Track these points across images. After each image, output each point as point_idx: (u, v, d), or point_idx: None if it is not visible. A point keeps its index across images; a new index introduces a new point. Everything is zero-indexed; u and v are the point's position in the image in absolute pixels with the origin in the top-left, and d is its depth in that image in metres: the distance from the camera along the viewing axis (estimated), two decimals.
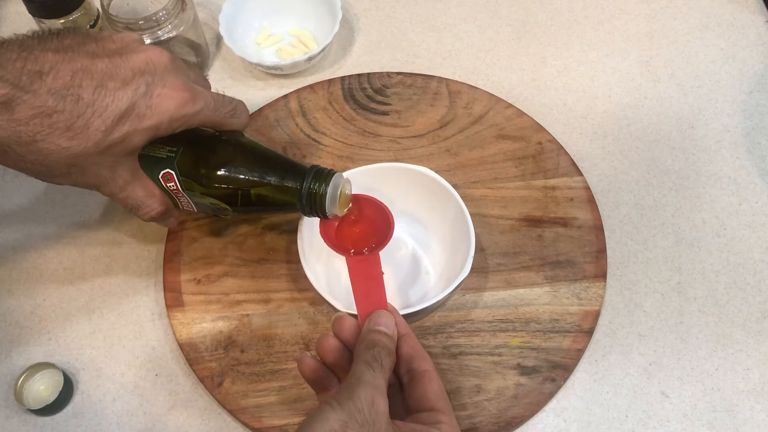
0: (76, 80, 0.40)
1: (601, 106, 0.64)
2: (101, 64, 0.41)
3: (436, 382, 0.41)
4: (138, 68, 0.42)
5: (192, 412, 0.50)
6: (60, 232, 0.57)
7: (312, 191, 0.45)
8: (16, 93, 0.38)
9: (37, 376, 0.51)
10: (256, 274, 0.55)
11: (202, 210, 0.49)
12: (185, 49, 0.64)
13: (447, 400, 0.41)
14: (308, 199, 0.45)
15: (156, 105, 0.42)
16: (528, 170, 0.59)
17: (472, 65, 0.67)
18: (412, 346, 0.42)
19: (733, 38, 0.68)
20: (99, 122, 0.40)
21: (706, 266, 0.56)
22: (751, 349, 0.52)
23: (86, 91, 0.40)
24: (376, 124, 0.62)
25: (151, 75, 0.42)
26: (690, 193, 0.59)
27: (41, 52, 0.39)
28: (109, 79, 0.41)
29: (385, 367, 0.39)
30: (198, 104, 0.44)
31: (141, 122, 0.42)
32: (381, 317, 0.42)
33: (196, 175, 0.46)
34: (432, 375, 0.41)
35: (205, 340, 0.52)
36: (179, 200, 0.48)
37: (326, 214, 0.46)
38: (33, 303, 0.55)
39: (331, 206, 0.46)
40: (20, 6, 0.59)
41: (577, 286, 0.53)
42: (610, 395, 0.50)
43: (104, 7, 0.59)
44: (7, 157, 0.40)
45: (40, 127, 0.39)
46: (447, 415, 0.40)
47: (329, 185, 0.45)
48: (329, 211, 0.46)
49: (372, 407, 0.36)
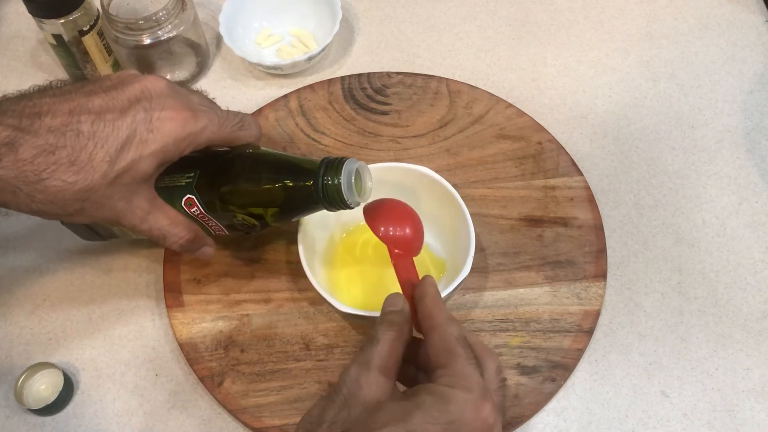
0: (74, 117, 0.40)
1: (601, 106, 0.64)
2: (98, 100, 0.41)
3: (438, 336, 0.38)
4: (134, 96, 0.42)
5: (192, 412, 0.50)
6: (60, 231, 0.57)
7: (327, 185, 0.43)
8: (18, 134, 0.39)
9: (37, 376, 0.51)
10: (256, 274, 0.55)
11: (233, 231, 0.49)
12: (185, 49, 0.64)
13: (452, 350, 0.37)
14: (326, 195, 0.44)
15: (157, 128, 0.42)
16: (528, 170, 0.59)
17: (472, 65, 0.67)
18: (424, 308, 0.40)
19: (733, 38, 0.68)
20: (102, 153, 0.40)
21: (706, 266, 0.56)
22: (751, 349, 0.52)
23: (84, 126, 0.40)
24: (376, 124, 0.62)
25: (148, 101, 0.42)
26: (690, 193, 0.59)
27: (39, 98, 0.40)
28: (106, 111, 0.41)
29: (380, 340, 0.38)
30: (201, 121, 0.43)
31: (145, 148, 0.42)
32: (389, 298, 0.42)
33: (217, 195, 0.45)
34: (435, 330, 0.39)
35: (205, 340, 0.52)
36: (208, 225, 0.48)
37: (349, 204, 0.44)
38: (33, 303, 0.55)
39: (349, 194, 0.43)
40: (20, 6, 0.59)
41: (577, 285, 0.53)
42: (611, 395, 0.50)
43: (104, 7, 0.59)
44: (17, 200, 0.40)
45: (44, 165, 0.39)
46: (448, 367, 0.37)
47: (342, 174, 0.43)
48: (350, 200, 0.44)
49: (355, 383, 0.36)
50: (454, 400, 0.35)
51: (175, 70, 0.65)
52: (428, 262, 0.54)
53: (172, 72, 0.65)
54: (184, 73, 0.65)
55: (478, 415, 0.35)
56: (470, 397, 0.35)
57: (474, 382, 0.36)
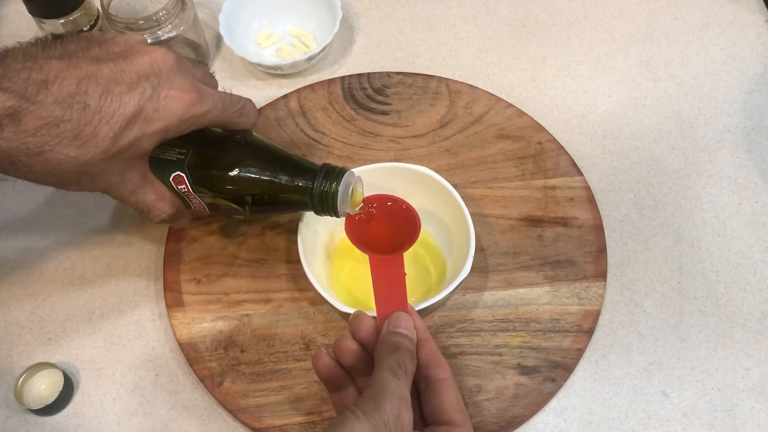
0: (82, 87, 0.39)
1: (601, 106, 0.64)
2: (106, 69, 0.40)
3: (452, 392, 0.39)
4: (143, 71, 0.41)
5: (192, 412, 0.50)
6: (60, 232, 0.57)
7: (323, 190, 0.45)
8: (23, 104, 0.37)
9: (37, 376, 0.51)
10: (256, 274, 0.55)
11: (214, 211, 0.49)
12: (185, 49, 0.64)
13: (464, 412, 0.39)
14: (320, 199, 0.45)
15: (163, 108, 0.41)
16: (528, 170, 0.59)
17: (472, 65, 0.67)
18: (429, 352, 0.41)
19: (733, 38, 0.68)
20: (107, 129, 0.40)
21: (706, 266, 0.56)
22: (751, 349, 0.52)
23: (92, 99, 0.39)
24: (376, 124, 0.62)
25: (157, 77, 0.42)
26: (690, 193, 0.59)
27: (45, 61, 0.39)
28: (114, 84, 0.40)
29: (409, 373, 0.38)
30: (206, 105, 0.43)
31: (149, 126, 0.41)
32: (401, 319, 0.41)
33: (207, 177, 0.46)
34: (449, 384, 0.40)
35: (205, 340, 0.52)
36: (191, 202, 0.48)
37: (338, 213, 0.46)
38: (33, 303, 0.55)
39: (342, 205, 0.45)
40: (20, 6, 0.59)
41: (577, 285, 0.53)
42: (611, 395, 0.50)
43: (104, 7, 0.59)
44: (15, 169, 0.39)
45: (47, 137, 0.38)
46: (463, 428, 0.38)
47: (341, 184, 0.45)
48: (341, 210, 0.45)
49: (398, 419, 0.36)
50: None
51: None
52: (428, 261, 0.54)
53: None
54: None
55: None
56: None
57: None
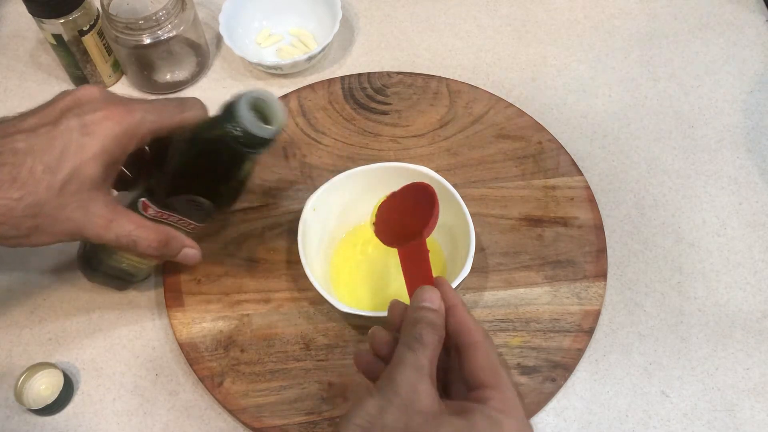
0: (8, 138, 0.40)
1: (601, 105, 0.64)
2: (31, 119, 0.42)
3: (482, 354, 0.38)
4: (65, 107, 0.42)
5: (192, 412, 0.50)
6: None
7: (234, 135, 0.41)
8: None
9: (37, 376, 0.51)
10: (256, 274, 0.55)
11: (200, 219, 0.48)
12: (185, 49, 0.64)
13: (498, 371, 0.37)
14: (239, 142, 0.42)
15: (93, 131, 0.41)
16: (528, 170, 0.59)
17: (472, 65, 0.67)
18: (459, 319, 0.39)
19: (733, 38, 0.68)
20: (42, 166, 0.40)
21: (706, 266, 0.56)
22: (751, 349, 0.52)
23: (20, 143, 0.40)
24: (376, 124, 0.62)
25: (80, 107, 0.42)
26: (690, 193, 0.59)
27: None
28: (39, 126, 0.41)
29: (428, 343, 0.37)
30: (136, 114, 0.43)
31: (84, 152, 0.41)
32: (425, 293, 0.40)
33: (158, 188, 0.45)
34: (478, 347, 0.38)
35: (205, 339, 0.52)
36: (175, 223, 0.47)
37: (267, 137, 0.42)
38: (33, 303, 0.55)
39: (260, 131, 0.42)
40: (20, 6, 0.59)
41: (578, 285, 0.53)
42: (611, 395, 0.50)
43: (104, 7, 0.59)
44: None
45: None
46: (497, 389, 0.36)
47: (241, 117, 0.41)
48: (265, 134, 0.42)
49: (411, 388, 0.35)
50: (506, 428, 0.35)
51: (175, 70, 0.65)
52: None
53: (172, 72, 0.65)
54: (184, 73, 0.65)
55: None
56: (518, 426, 0.35)
57: (520, 410, 0.36)
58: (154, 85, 0.65)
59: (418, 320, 0.38)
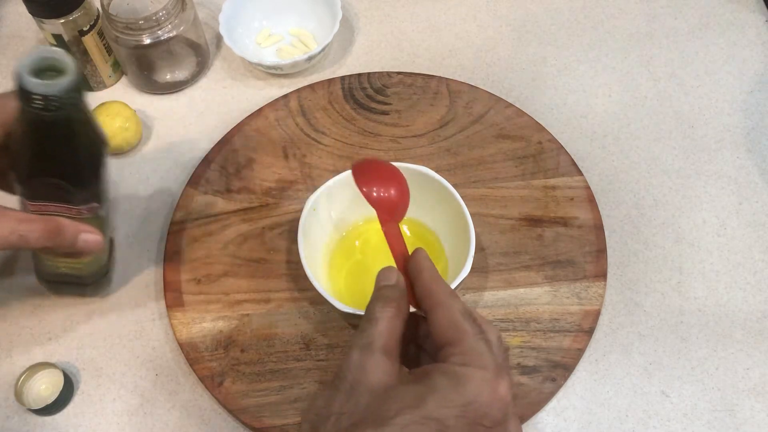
0: None
1: (601, 105, 0.64)
2: None
3: (443, 312, 0.36)
4: None
5: (192, 412, 0.50)
6: None
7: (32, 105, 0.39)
8: None
9: (37, 376, 0.51)
10: (256, 274, 0.55)
11: (75, 200, 0.45)
12: (185, 49, 0.64)
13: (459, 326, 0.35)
14: (37, 108, 0.39)
15: None
16: (528, 170, 0.59)
17: (472, 65, 0.67)
18: (422, 284, 0.38)
19: (733, 37, 0.68)
20: None
21: (706, 266, 0.56)
22: (751, 349, 0.52)
23: None
24: (376, 124, 0.62)
25: None
26: (690, 193, 0.59)
27: None
28: None
29: (378, 318, 0.36)
30: None
31: None
32: (382, 272, 0.40)
33: (18, 178, 0.43)
34: (439, 307, 0.36)
35: (205, 339, 0.52)
36: (60, 213, 0.45)
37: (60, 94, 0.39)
38: (33, 303, 0.55)
39: (48, 88, 0.39)
40: (20, 6, 0.59)
41: (578, 285, 0.53)
42: (611, 395, 0.50)
43: (104, 7, 0.59)
44: None
45: None
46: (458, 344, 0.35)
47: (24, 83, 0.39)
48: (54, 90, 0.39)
49: (358, 368, 0.34)
50: (470, 379, 0.33)
51: (175, 70, 0.65)
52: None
53: (172, 72, 0.65)
54: (184, 73, 0.65)
55: (495, 393, 0.33)
56: (485, 375, 0.33)
57: (487, 359, 0.34)
58: (154, 85, 0.65)
59: (374, 300, 0.38)
